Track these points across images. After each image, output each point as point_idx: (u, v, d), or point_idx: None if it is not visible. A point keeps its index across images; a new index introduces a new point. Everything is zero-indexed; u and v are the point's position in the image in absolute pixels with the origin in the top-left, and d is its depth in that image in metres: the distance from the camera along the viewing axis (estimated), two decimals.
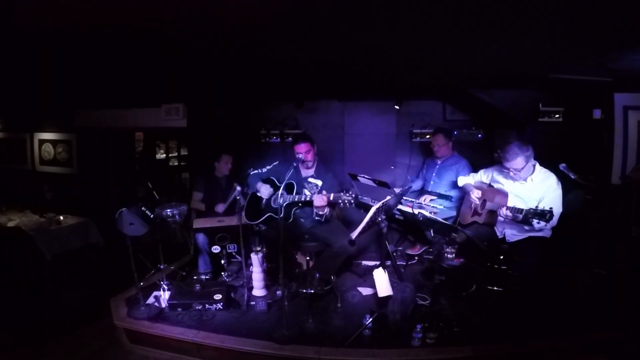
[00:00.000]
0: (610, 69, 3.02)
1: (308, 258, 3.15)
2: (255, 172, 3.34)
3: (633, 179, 3.25)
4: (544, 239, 2.91)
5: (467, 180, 3.39)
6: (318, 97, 4.71)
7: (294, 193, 3.14)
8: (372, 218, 2.79)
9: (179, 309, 2.97)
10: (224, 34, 2.28)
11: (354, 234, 2.81)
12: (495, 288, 2.95)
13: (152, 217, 3.19)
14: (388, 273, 2.89)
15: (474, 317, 2.82)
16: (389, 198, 2.98)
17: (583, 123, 3.91)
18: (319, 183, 3.24)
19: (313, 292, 2.94)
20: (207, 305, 2.99)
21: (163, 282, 3.20)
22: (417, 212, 3.12)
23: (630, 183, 3.24)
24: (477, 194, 3.18)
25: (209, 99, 4.75)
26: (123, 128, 5.15)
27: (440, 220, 3.00)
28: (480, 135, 4.47)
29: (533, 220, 2.59)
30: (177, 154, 6.93)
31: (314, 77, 3.72)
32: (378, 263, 3.28)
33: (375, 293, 2.85)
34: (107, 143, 5.14)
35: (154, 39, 2.39)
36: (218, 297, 3.01)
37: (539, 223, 2.59)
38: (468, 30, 2.16)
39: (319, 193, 3.01)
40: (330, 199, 2.95)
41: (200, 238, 3.64)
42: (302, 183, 3.27)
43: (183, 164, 6.87)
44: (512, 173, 2.86)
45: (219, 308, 3.00)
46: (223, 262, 3.42)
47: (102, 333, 2.96)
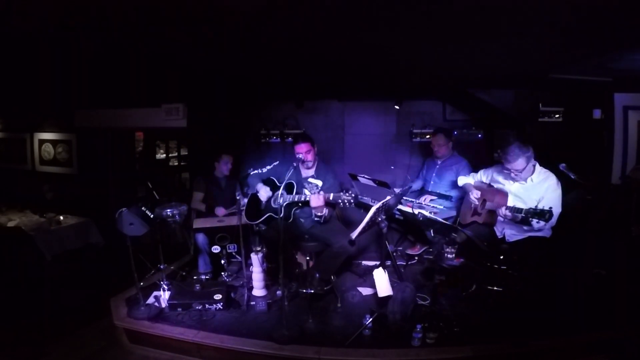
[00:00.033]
0: (610, 69, 3.03)
1: (308, 258, 3.15)
2: (256, 172, 3.34)
3: (633, 179, 3.25)
4: (544, 239, 2.91)
5: (467, 180, 3.39)
6: (318, 97, 4.71)
7: (294, 193, 3.14)
8: (372, 218, 2.78)
9: (179, 309, 2.97)
10: (224, 34, 2.28)
11: (354, 234, 2.81)
12: (495, 288, 2.95)
13: (152, 217, 3.19)
14: (388, 273, 2.89)
15: (474, 317, 2.82)
16: (389, 198, 2.98)
17: (583, 123, 3.90)
18: (319, 183, 3.23)
19: (313, 292, 2.94)
20: (207, 305, 2.99)
21: (163, 282, 3.20)
22: (417, 212, 3.11)
23: (630, 183, 3.24)
24: (476, 194, 3.18)
25: (209, 99, 4.75)
26: (123, 128, 5.15)
27: (440, 220, 3.00)
28: (480, 135, 4.48)
29: (532, 220, 2.60)
30: (177, 154, 6.93)
31: (314, 77, 3.72)
32: (378, 263, 3.28)
33: (375, 293, 2.84)
34: (107, 143, 5.15)
35: (154, 39, 2.39)
36: (218, 297, 3.01)
37: (539, 223, 2.60)
38: (468, 30, 2.16)
39: (318, 193, 3.01)
40: (330, 199, 2.95)
41: (200, 238, 3.64)
42: (302, 183, 3.27)
43: (183, 164, 6.87)
44: (513, 174, 2.87)
45: (219, 308, 3.00)
46: (223, 262, 3.42)
47: (102, 333, 2.96)
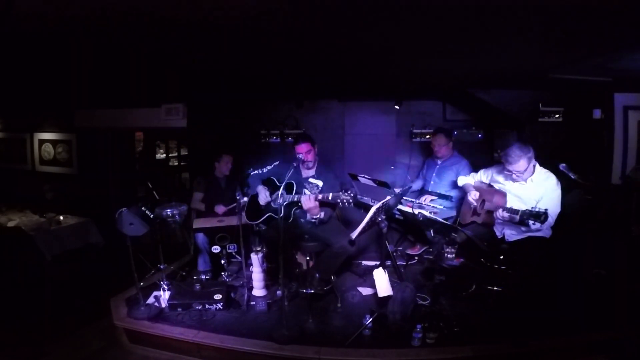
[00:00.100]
0: (610, 69, 3.02)
1: (308, 258, 3.14)
2: (256, 172, 3.34)
3: (633, 179, 3.25)
4: (544, 239, 2.91)
5: (466, 180, 3.39)
6: (318, 97, 4.71)
7: (294, 193, 3.14)
8: (372, 218, 2.78)
9: (179, 309, 2.97)
10: (224, 34, 2.27)
11: (354, 234, 2.80)
12: (495, 288, 2.95)
13: (152, 217, 3.19)
14: (388, 273, 2.89)
15: (474, 317, 2.82)
16: (389, 198, 2.98)
17: (583, 123, 3.90)
18: (320, 184, 3.22)
19: (313, 292, 2.94)
20: (207, 305, 2.99)
21: (163, 282, 3.20)
22: (417, 212, 3.11)
23: (630, 183, 3.24)
24: (474, 196, 3.18)
25: (209, 99, 4.75)
26: (123, 128, 5.16)
27: (440, 220, 2.99)
28: (480, 135, 4.48)
29: (529, 221, 2.60)
30: (177, 154, 6.93)
31: (314, 77, 3.72)
32: (378, 263, 3.28)
33: (375, 293, 2.84)
34: (107, 143, 5.15)
35: (154, 39, 2.39)
36: (218, 297, 3.01)
37: (535, 224, 2.60)
38: (468, 30, 2.16)
39: (320, 193, 3.00)
40: (329, 199, 2.94)
41: (200, 238, 3.64)
42: (302, 183, 3.26)
43: (183, 164, 6.87)
44: (514, 175, 2.86)
45: (219, 308, 3.00)
46: (223, 262, 3.42)
47: (102, 333, 2.96)
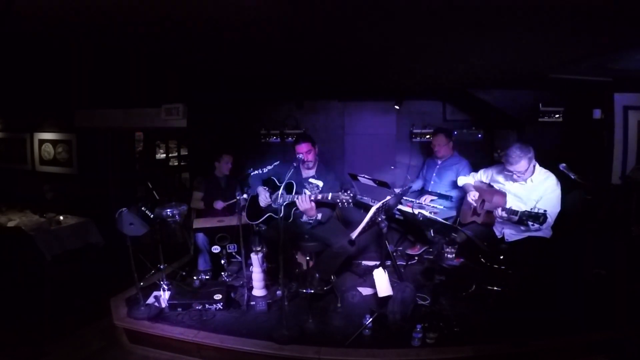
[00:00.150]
0: (610, 69, 3.02)
1: (308, 258, 3.15)
2: (256, 172, 3.33)
3: (633, 179, 3.25)
4: (544, 239, 2.91)
5: (466, 180, 3.39)
6: (318, 97, 4.70)
7: (294, 193, 3.13)
8: (372, 218, 2.78)
9: (179, 309, 2.97)
10: (224, 34, 2.27)
11: (354, 234, 2.81)
12: (495, 288, 2.95)
13: (152, 217, 3.19)
14: (388, 273, 2.89)
15: (474, 317, 2.82)
16: (389, 198, 2.98)
17: (583, 123, 3.90)
18: (320, 184, 3.22)
19: (313, 292, 2.94)
20: (207, 305, 2.99)
21: (163, 282, 3.20)
22: (417, 212, 3.11)
23: (630, 183, 3.24)
24: (473, 196, 3.18)
25: (209, 99, 4.75)
26: (123, 128, 5.16)
27: (440, 220, 2.99)
28: (480, 135, 4.48)
29: (528, 222, 2.60)
30: (177, 154, 6.92)
31: (314, 77, 3.71)
32: (378, 263, 3.28)
33: (375, 293, 2.85)
34: (107, 143, 5.15)
35: (155, 39, 2.39)
36: (218, 297, 3.01)
37: (533, 225, 2.60)
38: (468, 30, 2.16)
39: (320, 193, 3.00)
40: (329, 199, 2.94)
41: (200, 237, 3.64)
42: (302, 183, 3.25)
43: (183, 164, 6.87)
44: (515, 175, 2.86)
45: (219, 308, 3.00)
46: (223, 262, 3.42)
47: (102, 333, 2.96)
